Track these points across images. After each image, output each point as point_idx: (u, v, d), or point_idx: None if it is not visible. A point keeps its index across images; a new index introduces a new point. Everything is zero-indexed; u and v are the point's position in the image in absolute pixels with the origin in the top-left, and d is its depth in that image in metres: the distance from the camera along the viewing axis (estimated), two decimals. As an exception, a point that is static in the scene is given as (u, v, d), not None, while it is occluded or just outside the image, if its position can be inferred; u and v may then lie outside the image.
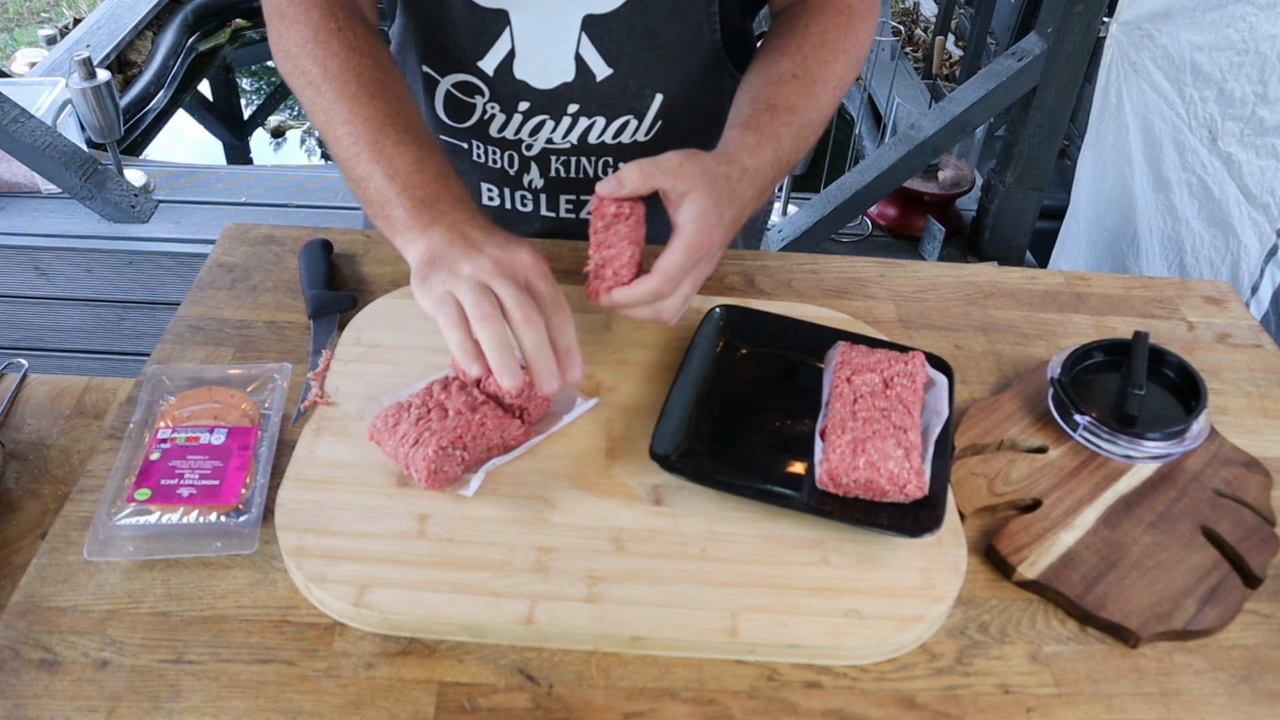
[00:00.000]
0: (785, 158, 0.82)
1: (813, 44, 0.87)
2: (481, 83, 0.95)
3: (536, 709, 0.62)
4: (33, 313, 2.40)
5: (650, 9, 0.89)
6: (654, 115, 0.96)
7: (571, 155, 0.99)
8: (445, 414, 0.73)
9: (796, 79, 0.84)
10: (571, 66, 0.92)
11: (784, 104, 0.82)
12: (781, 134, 0.81)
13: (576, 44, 0.91)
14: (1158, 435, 0.78)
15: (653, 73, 0.94)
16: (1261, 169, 1.65)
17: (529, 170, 1.01)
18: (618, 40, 0.91)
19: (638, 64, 0.92)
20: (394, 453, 0.72)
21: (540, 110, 0.96)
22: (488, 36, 0.92)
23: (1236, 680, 0.66)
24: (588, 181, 1.01)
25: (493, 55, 0.93)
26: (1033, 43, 2.30)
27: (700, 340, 0.83)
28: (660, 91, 0.95)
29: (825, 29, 0.88)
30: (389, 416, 0.73)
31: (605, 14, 0.89)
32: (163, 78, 3.77)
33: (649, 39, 0.91)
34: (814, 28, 0.88)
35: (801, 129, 0.83)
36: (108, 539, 0.69)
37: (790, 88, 0.83)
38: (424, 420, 0.72)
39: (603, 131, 0.97)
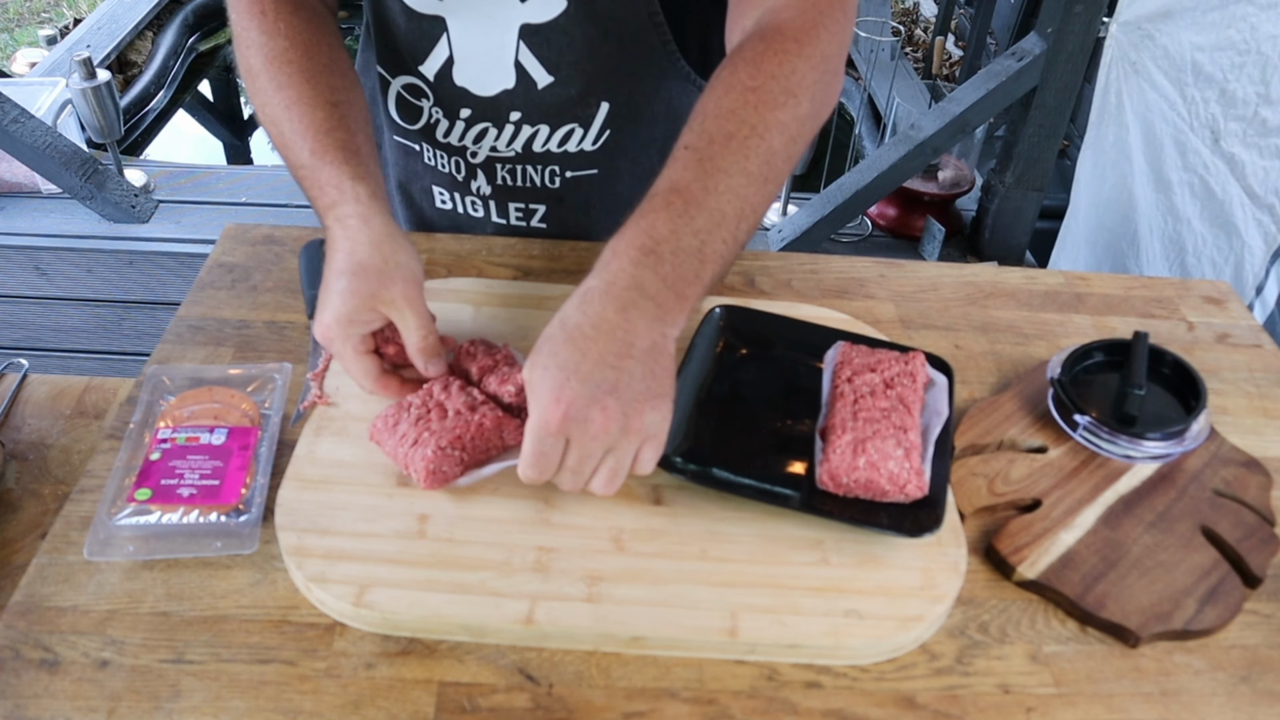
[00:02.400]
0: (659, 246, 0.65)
1: (714, 97, 0.71)
2: (425, 87, 0.95)
3: (536, 709, 0.62)
4: (33, 313, 2.40)
5: (588, 17, 0.87)
6: (601, 124, 0.95)
7: (517, 164, 0.98)
8: (445, 414, 0.73)
9: (687, 150, 0.69)
10: (511, 74, 0.91)
11: (665, 187, 0.68)
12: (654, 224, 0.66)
13: (515, 52, 0.89)
14: (1158, 435, 0.78)
15: (596, 81, 0.92)
16: (1265, 169, 1.65)
17: (476, 177, 1.01)
18: (557, 49, 0.89)
19: (579, 72, 0.91)
20: (393, 453, 0.72)
21: (482, 117, 0.95)
22: (426, 42, 0.91)
23: (1236, 680, 0.66)
24: (535, 190, 1.00)
25: (432, 60, 0.92)
26: (1033, 43, 2.29)
27: (700, 340, 0.83)
28: (606, 100, 0.93)
29: (733, 70, 0.72)
30: (389, 416, 0.73)
31: (542, 23, 0.87)
32: (163, 78, 3.77)
33: (589, 48, 0.89)
34: (721, 74, 0.72)
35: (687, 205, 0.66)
36: (108, 539, 0.69)
37: (678, 164, 0.68)
38: (424, 420, 0.72)
39: (547, 140, 0.96)
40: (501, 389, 0.76)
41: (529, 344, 0.85)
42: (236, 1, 0.83)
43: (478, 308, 0.89)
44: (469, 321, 0.87)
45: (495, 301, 0.90)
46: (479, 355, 0.78)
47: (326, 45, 0.82)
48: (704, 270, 0.66)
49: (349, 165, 0.75)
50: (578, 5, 0.86)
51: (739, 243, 0.69)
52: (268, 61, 0.80)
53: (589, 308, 0.64)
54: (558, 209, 1.02)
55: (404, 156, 1.05)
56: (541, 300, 0.90)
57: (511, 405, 0.76)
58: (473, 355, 0.78)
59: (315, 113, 0.78)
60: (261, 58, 0.80)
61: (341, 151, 0.76)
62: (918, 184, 2.61)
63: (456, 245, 1.00)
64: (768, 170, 0.69)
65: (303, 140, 0.77)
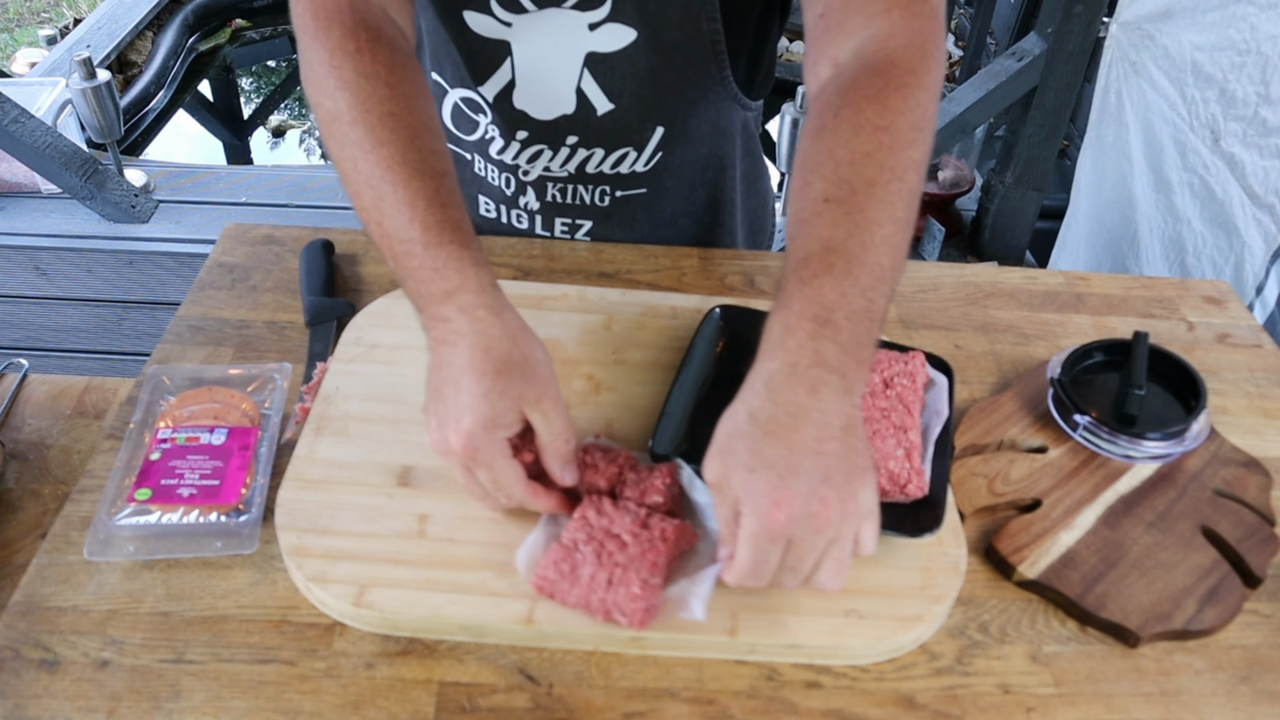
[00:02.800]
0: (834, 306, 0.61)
1: (843, 139, 0.66)
2: (484, 104, 0.94)
3: (536, 709, 0.62)
4: (33, 313, 2.40)
5: (655, 49, 0.86)
6: (654, 147, 0.95)
7: (569, 183, 0.98)
8: (622, 542, 0.65)
9: (830, 204, 0.64)
10: (572, 100, 0.90)
11: (817, 249, 0.63)
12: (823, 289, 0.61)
13: (578, 79, 0.89)
14: (1158, 435, 0.78)
15: (655, 107, 0.92)
16: (1265, 169, 1.65)
17: (525, 194, 1.00)
18: (620, 77, 0.88)
19: (640, 99, 0.91)
20: (584, 601, 0.64)
21: (538, 140, 0.94)
22: (489, 64, 0.90)
23: (1236, 680, 0.66)
24: (584, 208, 1.00)
25: (493, 82, 0.91)
26: (1033, 43, 2.30)
27: (700, 340, 0.83)
28: (662, 124, 0.94)
29: (859, 109, 0.67)
30: (557, 564, 0.65)
31: (609, 53, 0.87)
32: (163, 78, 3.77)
33: (653, 76, 0.89)
34: (845, 113, 0.67)
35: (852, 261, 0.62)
36: (108, 539, 0.69)
37: (825, 220, 0.64)
38: (605, 555, 0.65)
39: (601, 162, 0.96)
40: (647, 499, 0.69)
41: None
42: (324, 33, 0.72)
43: (478, 308, 0.89)
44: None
45: (495, 301, 0.90)
46: (601, 464, 0.71)
47: (424, 96, 0.73)
48: (874, 329, 0.63)
49: (469, 249, 0.67)
50: (646, 35, 0.85)
51: (894, 293, 0.65)
52: (365, 110, 0.69)
53: (778, 395, 0.59)
54: (604, 225, 1.02)
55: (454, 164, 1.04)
56: (541, 300, 0.90)
57: (659, 505, 0.70)
58: (594, 466, 0.71)
59: (424, 181, 0.68)
60: (357, 103, 0.69)
61: (456, 232, 0.67)
62: (918, 184, 2.60)
63: (456, 245, 1.00)
64: (909, 214, 0.66)
65: (411, 210, 0.67)
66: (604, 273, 0.98)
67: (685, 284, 0.96)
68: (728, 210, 1.05)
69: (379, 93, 0.70)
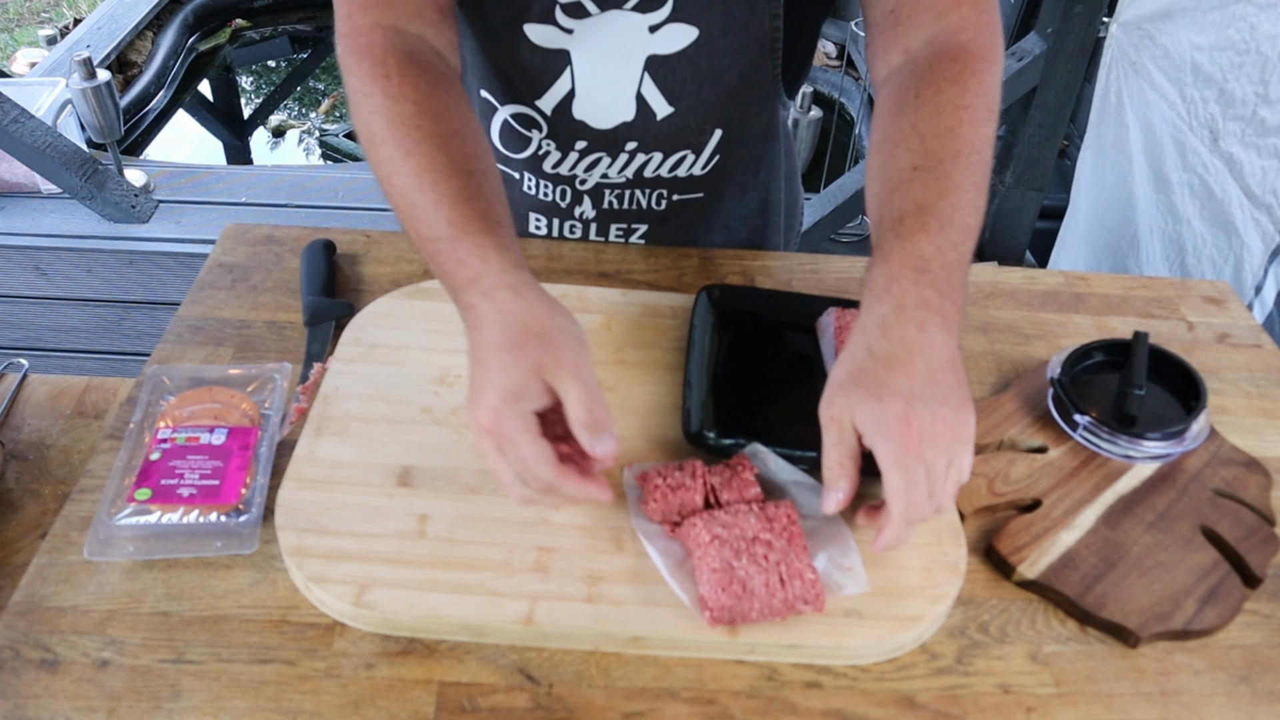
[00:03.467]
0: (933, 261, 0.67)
1: (927, 116, 0.73)
2: (540, 118, 0.93)
3: (536, 709, 0.62)
4: (33, 313, 2.40)
5: (716, 49, 0.86)
6: (712, 149, 0.95)
7: (626, 189, 0.98)
8: (767, 542, 0.66)
9: (919, 171, 0.71)
10: (632, 106, 0.90)
11: (911, 209, 0.69)
12: (920, 245, 0.68)
13: (638, 84, 0.88)
14: (1158, 435, 0.78)
15: (714, 109, 0.92)
16: (1264, 169, 1.65)
17: (581, 203, 1.00)
18: (680, 80, 0.88)
19: (699, 102, 0.90)
20: (766, 609, 0.64)
21: (597, 149, 0.94)
22: (547, 76, 0.89)
23: (1236, 680, 0.66)
24: (640, 212, 1.00)
25: (552, 94, 0.91)
26: (1033, 43, 2.30)
27: (697, 321, 0.85)
28: (720, 126, 0.94)
29: (939, 90, 0.74)
30: (726, 588, 0.64)
31: (670, 54, 0.86)
32: (163, 78, 3.77)
33: (713, 77, 0.89)
34: (926, 93, 0.74)
35: (944, 221, 0.69)
36: (108, 539, 0.69)
37: (916, 186, 0.70)
38: (762, 559, 0.65)
39: (659, 166, 0.96)
40: (746, 495, 0.70)
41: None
42: (357, 66, 0.75)
43: (478, 308, 0.89)
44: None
45: (495, 301, 0.90)
46: (686, 481, 0.70)
47: (456, 109, 0.75)
48: (965, 277, 0.69)
49: (492, 236, 0.68)
50: (707, 36, 0.85)
51: (973, 250, 0.72)
52: (393, 127, 0.72)
53: (892, 333, 0.65)
54: (659, 229, 1.02)
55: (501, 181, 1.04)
56: (541, 300, 0.90)
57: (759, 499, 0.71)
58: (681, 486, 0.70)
59: (450, 180, 0.70)
60: (386, 123, 0.73)
61: (482, 221, 0.69)
62: (918, 184, 2.61)
63: (456, 245, 1.00)
64: (986, 182, 0.73)
65: (437, 210, 0.69)
66: (604, 273, 0.98)
67: (685, 284, 0.96)
68: (775, 210, 1.06)
69: (405, 110, 0.72)
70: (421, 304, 0.88)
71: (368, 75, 0.75)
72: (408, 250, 0.99)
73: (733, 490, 0.70)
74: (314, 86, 4.38)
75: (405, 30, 0.77)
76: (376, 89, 0.74)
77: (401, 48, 0.76)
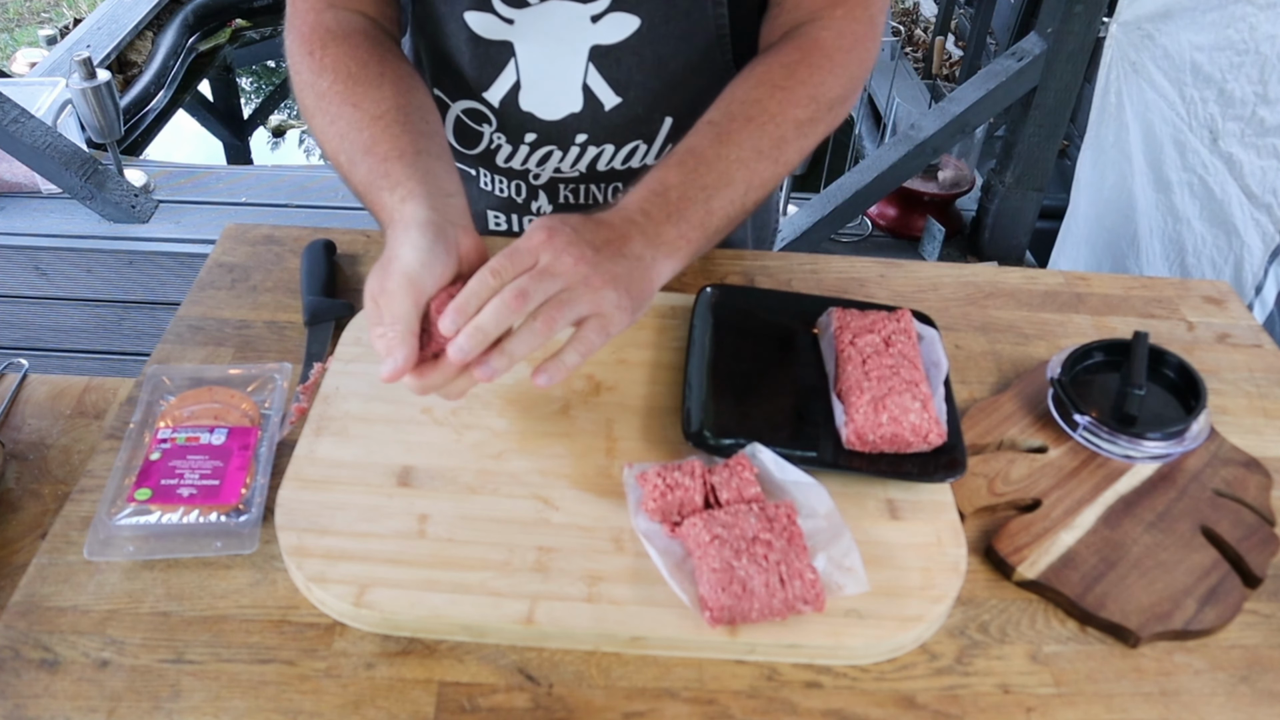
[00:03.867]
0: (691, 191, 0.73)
1: (744, 86, 0.79)
2: (489, 112, 0.94)
3: (536, 709, 0.62)
4: (33, 313, 2.40)
5: (660, 37, 0.87)
6: (664, 139, 0.95)
7: (581, 183, 0.98)
8: (767, 542, 0.66)
9: (709, 124, 0.77)
10: (579, 97, 0.90)
11: (686, 149, 0.75)
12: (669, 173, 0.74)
13: (584, 75, 0.89)
14: (1158, 435, 0.78)
15: (662, 98, 0.92)
16: (1263, 169, 1.65)
17: (537, 198, 1.00)
18: (626, 69, 0.89)
19: (647, 91, 0.91)
20: (766, 609, 0.64)
21: (548, 141, 0.94)
22: (492, 68, 0.90)
23: (1236, 680, 0.66)
24: (598, 207, 1.00)
25: (498, 86, 0.91)
26: (1033, 43, 2.30)
27: (698, 321, 0.86)
28: (670, 115, 0.94)
29: (768, 69, 0.80)
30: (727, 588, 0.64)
31: (613, 44, 0.87)
32: (163, 78, 3.77)
33: (659, 66, 0.89)
34: (756, 69, 0.81)
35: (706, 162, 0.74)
36: (108, 539, 0.69)
37: (700, 133, 0.77)
38: (762, 559, 0.65)
39: (612, 158, 0.95)
40: (746, 494, 0.70)
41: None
42: (291, 46, 0.82)
43: (478, 308, 0.89)
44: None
45: (495, 301, 0.89)
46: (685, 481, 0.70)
47: (374, 66, 0.80)
48: (708, 221, 0.73)
49: (407, 177, 0.72)
50: (650, 25, 0.86)
51: (744, 209, 0.76)
52: (319, 99, 0.79)
53: (595, 218, 0.69)
54: None
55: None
56: (541, 300, 0.90)
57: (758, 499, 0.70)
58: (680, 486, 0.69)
59: (362, 133, 0.75)
60: (313, 97, 0.79)
61: (384, 164, 0.73)
62: (918, 184, 2.61)
63: (456, 245, 1.00)
64: (777, 153, 0.77)
65: (356, 164, 0.75)
66: (604, 273, 0.97)
67: (685, 284, 0.96)
68: None
69: (325, 81, 0.79)
70: (421, 304, 0.88)
71: (296, 54, 0.81)
72: (408, 250, 0.99)
73: (732, 490, 0.70)
74: (314, 86, 4.36)
75: (340, 7, 0.83)
76: (303, 66, 0.80)
77: (327, 25, 0.82)
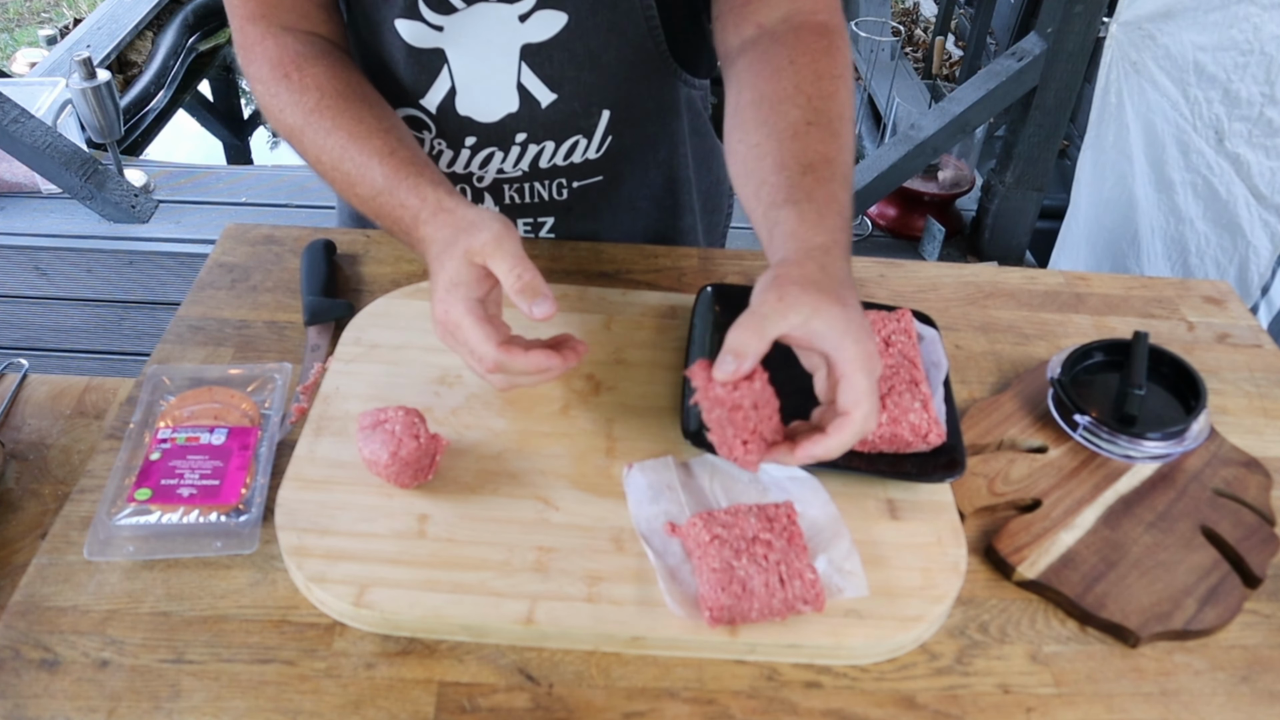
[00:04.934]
0: (847, 214, 0.72)
1: (808, 79, 0.77)
2: (427, 119, 0.94)
3: (536, 709, 0.62)
4: (33, 313, 2.40)
5: (588, 31, 0.87)
6: (603, 131, 0.95)
7: (524, 182, 0.98)
8: (767, 542, 0.66)
9: (813, 126, 0.74)
10: (514, 97, 0.91)
11: (818, 159, 0.73)
12: (836, 193, 0.71)
13: (517, 74, 0.89)
14: (1158, 435, 0.78)
15: (597, 91, 0.92)
16: (1272, 170, 1.65)
17: (483, 200, 1.00)
18: (559, 65, 0.89)
19: (581, 85, 0.91)
20: (766, 609, 0.64)
21: (488, 143, 0.94)
22: (426, 75, 0.90)
23: (1236, 680, 0.66)
24: (543, 204, 1.00)
25: (434, 94, 0.91)
26: (1033, 43, 2.30)
27: (697, 320, 0.85)
28: (607, 108, 0.94)
29: (814, 58, 0.79)
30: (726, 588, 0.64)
31: (544, 41, 0.87)
32: (163, 78, 3.77)
33: (590, 60, 0.89)
34: (801, 60, 0.79)
35: (845, 178, 0.73)
36: (108, 539, 0.69)
37: (814, 138, 0.74)
38: (761, 559, 0.65)
39: (553, 155, 0.96)
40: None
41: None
42: (258, 73, 0.83)
43: (478, 308, 0.89)
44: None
45: (495, 301, 0.90)
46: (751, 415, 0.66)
47: (357, 84, 0.83)
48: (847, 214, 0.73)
49: (422, 176, 0.75)
50: (577, 20, 0.86)
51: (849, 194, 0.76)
52: (307, 115, 0.80)
53: (809, 265, 0.66)
54: (566, 218, 1.02)
55: None
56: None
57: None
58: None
59: (372, 141, 0.78)
60: (300, 115, 0.81)
61: (410, 166, 0.76)
62: (918, 184, 2.61)
63: (456, 245, 1.00)
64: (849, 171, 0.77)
65: (369, 170, 0.77)
66: (604, 273, 0.98)
67: (685, 284, 0.96)
68: (685, 189, 1.06)
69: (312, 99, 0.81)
70: (421, 304, 0.88)
71: (269, 79, 0.83)
72: (408, 250, 0.99)
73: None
74: (314, 86, 4.37)
75: (294, 30, 0.85)
76: (282, 89, 0.82)
77: (294, 48, 0.84)
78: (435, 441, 0.71)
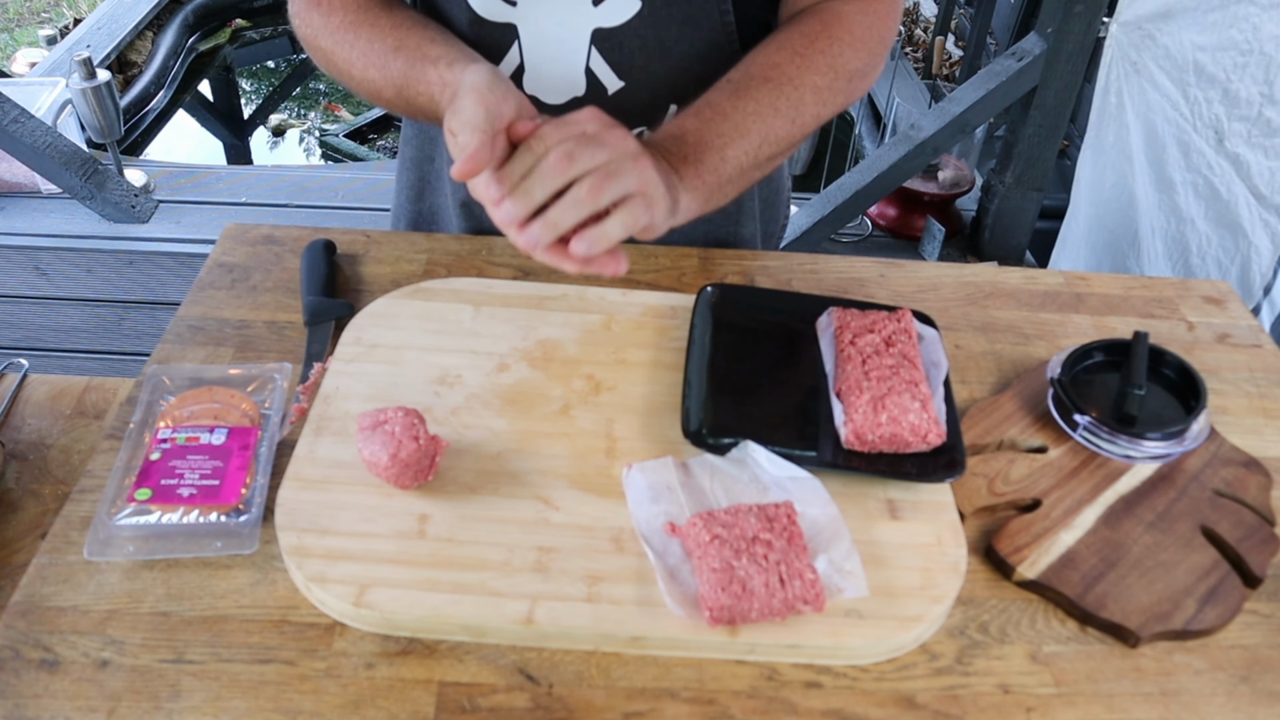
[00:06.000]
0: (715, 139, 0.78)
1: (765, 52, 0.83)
2: None
3: (536, 709, 0.62)
4: (33, 313, 2.40)
5: (661, 20, 0.87)
6: None
7: None
8: (767, 542, 0.66)
9: (729, 83, 0.81)
10: (582, 81, 0.90)
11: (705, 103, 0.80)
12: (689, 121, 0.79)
13: (586, 58, 0.89)
14: (1158, 435, 0.78)
15: (665, 84, 0.92)
16: (1271, 170, 1.65)
17: None
18: (629, 53, 0.89)
19: (650, 75, 0.90)
20: (766, 609, 0.64)
21: None
22: (495, 51, 0.90)
23: (1236, 680, 0.66)
24: None
25: (502, 69, 0.91)
26: (1033, 43, 2.29)
27: (698, 320, 0.86)
28: (674, 102, 0.93)
29: (788, 35, 0.85)
30: (726, 588, 0.64)
31: (615, 27, 0.87)
32: (163, 78, 3.77)
33: (661, 51, 0.89)
34: (779, 35, 0.85)
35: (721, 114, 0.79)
36: (108, 539, 0.69)
37: (720, 90, 0.81)
38: (762, 559, 0.65)
39: None
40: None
41: (527, 344, 0.85)
42: (296, 6, 0.89)
43: (477, 308, 0.89)
44: (469, 321, 0.87)
45: (495, 301, 0.90)
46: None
47: (382, 6, 0.87)
48: (721, 168, 0.77)
49: (430, 53, 0.80)
50: (651, 9, 0.86)
51: (758, 163, 0.80)
52: (332, 35, 0.86)
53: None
54: None
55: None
56: (542, 300, 0.90)
57: None
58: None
59: (386, 40, 0.82)
60: (327, 36, 0.86)
61: (419, 52, 0.80)
62: (918, 184, 2.61)
63: (456, 245, 1.00)
64: (794, 113, 0.81)
65: (391, 68, 0.81)
66: (604, 273, 0.97)
67: (685, 284, 0.96)
68: (747, 195, 1.05)
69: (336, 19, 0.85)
70: (421, 304, 0.88)
71: (303, 11, 0.88)
72: (408, 250, 0.99)
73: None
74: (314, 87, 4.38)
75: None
76: (312, 15, 0.87)
77: None
78: (435, 443, 0.71)
